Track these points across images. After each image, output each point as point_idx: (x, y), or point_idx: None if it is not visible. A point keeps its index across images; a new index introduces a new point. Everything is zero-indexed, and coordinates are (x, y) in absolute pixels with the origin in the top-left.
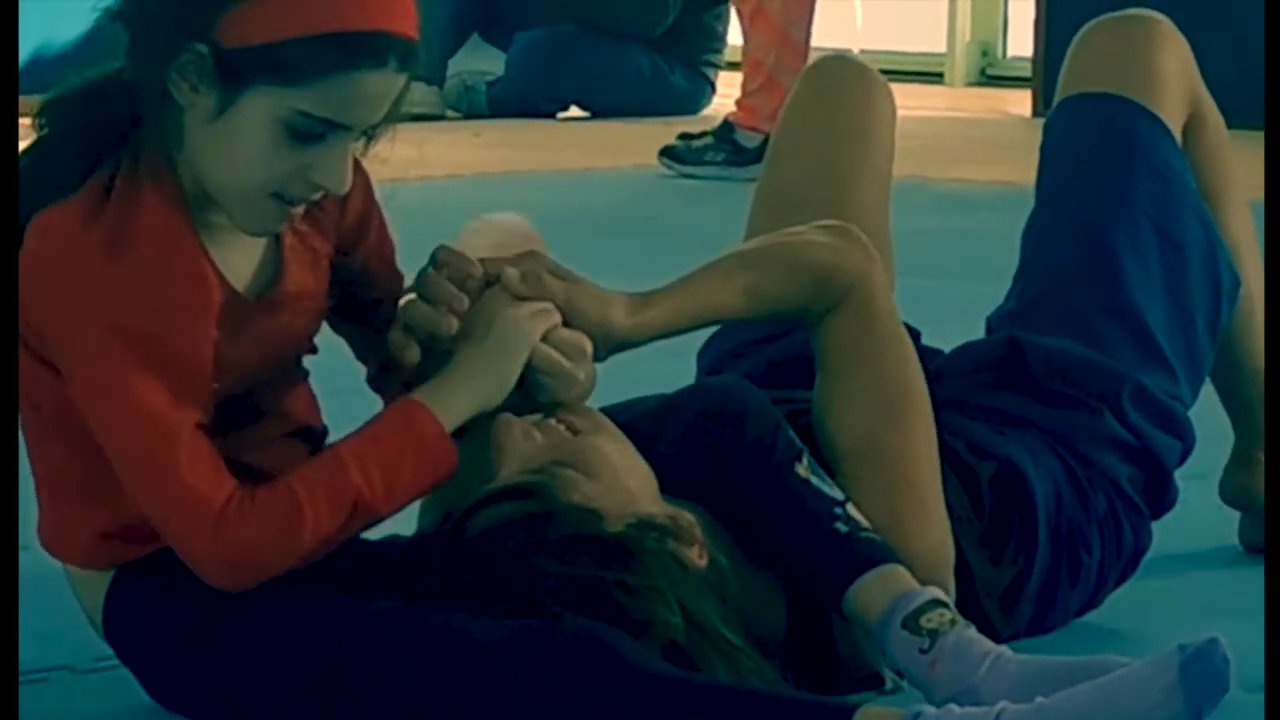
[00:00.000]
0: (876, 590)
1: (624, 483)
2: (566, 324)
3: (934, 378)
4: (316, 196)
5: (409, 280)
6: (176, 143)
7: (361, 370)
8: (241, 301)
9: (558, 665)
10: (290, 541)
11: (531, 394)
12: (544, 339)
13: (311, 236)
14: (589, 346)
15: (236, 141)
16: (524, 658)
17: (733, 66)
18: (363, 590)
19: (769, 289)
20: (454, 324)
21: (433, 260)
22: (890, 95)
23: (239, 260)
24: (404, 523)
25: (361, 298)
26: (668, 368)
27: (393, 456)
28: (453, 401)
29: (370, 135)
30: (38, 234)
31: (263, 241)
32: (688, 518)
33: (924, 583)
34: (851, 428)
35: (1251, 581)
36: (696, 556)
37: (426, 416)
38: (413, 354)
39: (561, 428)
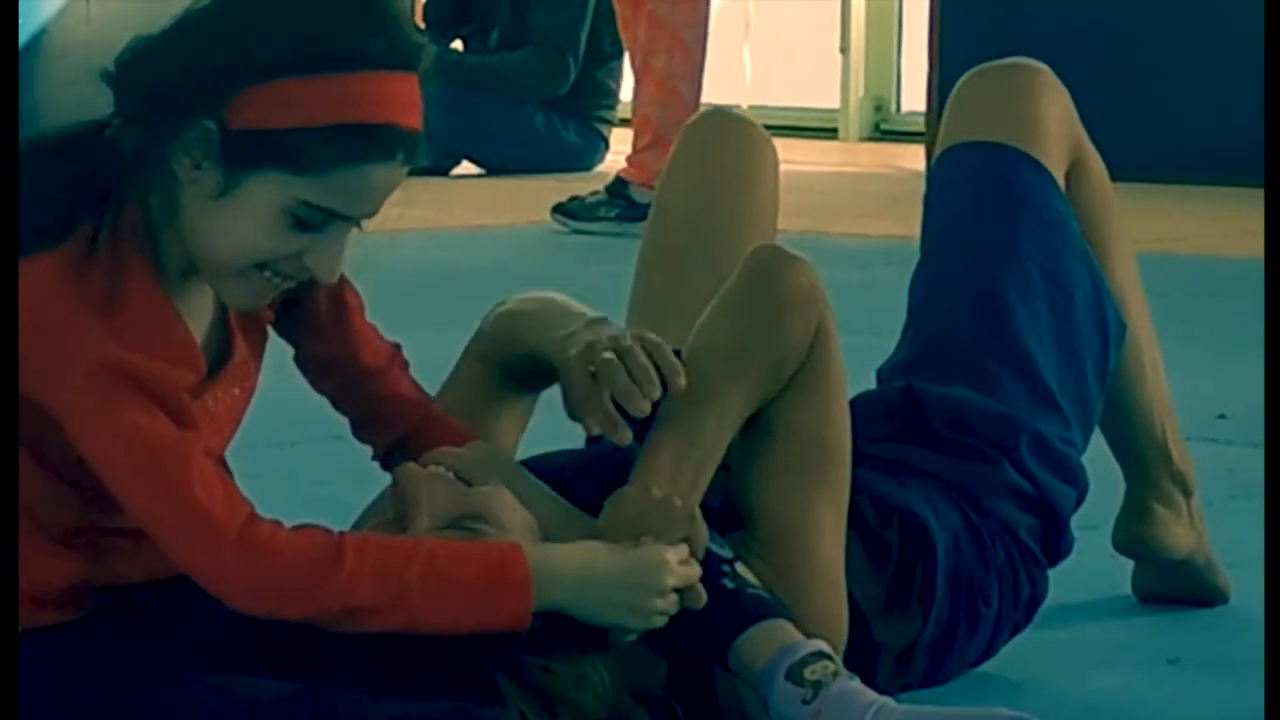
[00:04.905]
0: (762, 643)
1: (530, 529)
2: None
3: None
4: (305, 278)
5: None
6: (167, 213)
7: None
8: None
9: None
10: (318, 584)
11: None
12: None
13: None
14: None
15: (235, 222)
16: None
17: (625, 123)
18: (280, 663)
19: (763, 396)
20: (646, 407)
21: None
22: (772, 146)
23: (195, 331)
24: None
25: (320, 353)
26: (554, 423)
27: (462, 576)
28: (559, 579)
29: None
30: (24, 280)
31: (211, 312)
32: None
33: None
34: (775, 492)
35: (1144, 630)
36: None
37: (522, 568)
38: (624, 435)
39: (450, 475)
